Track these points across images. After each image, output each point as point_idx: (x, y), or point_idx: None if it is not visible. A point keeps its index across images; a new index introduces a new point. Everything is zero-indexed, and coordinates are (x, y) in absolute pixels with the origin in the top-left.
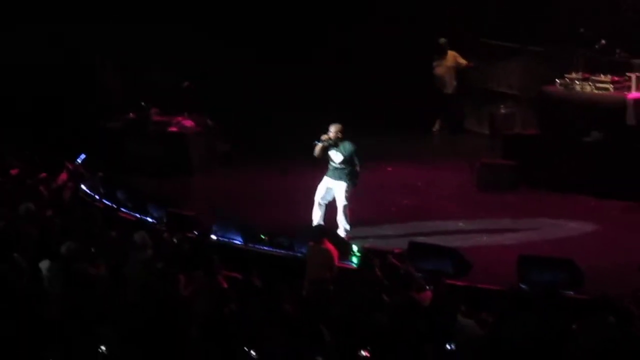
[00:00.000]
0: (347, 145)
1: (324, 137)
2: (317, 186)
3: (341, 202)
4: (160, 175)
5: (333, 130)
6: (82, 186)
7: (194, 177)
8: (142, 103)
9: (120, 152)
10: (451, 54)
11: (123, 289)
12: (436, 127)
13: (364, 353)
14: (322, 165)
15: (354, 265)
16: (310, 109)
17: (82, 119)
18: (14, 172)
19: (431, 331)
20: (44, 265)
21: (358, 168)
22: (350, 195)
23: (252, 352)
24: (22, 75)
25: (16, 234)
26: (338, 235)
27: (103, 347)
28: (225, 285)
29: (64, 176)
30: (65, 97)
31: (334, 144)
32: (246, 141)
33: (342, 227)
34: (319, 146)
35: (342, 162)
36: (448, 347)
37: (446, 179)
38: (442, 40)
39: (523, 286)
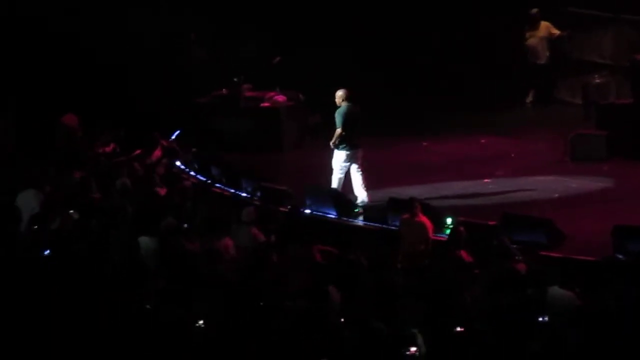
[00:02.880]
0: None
1: None
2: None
3: (336, 170)
4: (252, 151)
5: (336, 96)
6: (177, 162)
7: (286, 152)
8: (235, 79)
9: (213, 128)
10: (544, 24)
11: (217, 264)
12: (529, 98)
13: (459, 328)
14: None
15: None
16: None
17: (176, 95)
18: (108, 149)
19: (527, 302)
20: (143, 241)
21: (338, 131)
22: (357, 161)
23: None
24: (117, 54)
25: (112, 209)
26: (433, 208)
27: (201, 322)
28: (320, 259)
29: (158, 152)
30: (160, 73)
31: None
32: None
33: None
34: None
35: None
36: (540, 319)
37: (540, 149)
38: (535, 10)
39: (619, 256)
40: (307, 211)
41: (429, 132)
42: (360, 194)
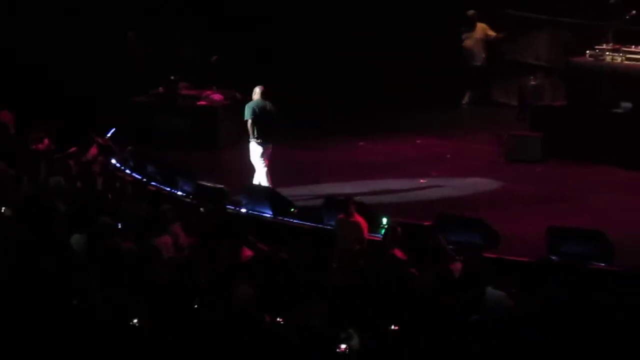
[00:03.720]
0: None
1: None
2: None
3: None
4: (189, 149)
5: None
6: (112, 160)
7: (222, 150)
8: (171, 77)
9: (150, 126)
10: (480, 26)
11: (154, 263)
12: (465, 99)
13: (394, 327)
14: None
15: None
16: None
17: (112, 93)
18: (42, 146)
19: (461, 303)
20: (76, 239)
21: (248, 122)
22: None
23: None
24: (53, 51)
25: (44, 206)
26: (368, 207)
27: (135, 320)
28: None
29: (93, 150)
30: (95, 72)
31: None
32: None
33: None
34: None
35: None
36: (473, 318)
37: (475, 150)
38: (471, 12)
39: (553, 257)
40: (243, 210)
41: (364, 132)
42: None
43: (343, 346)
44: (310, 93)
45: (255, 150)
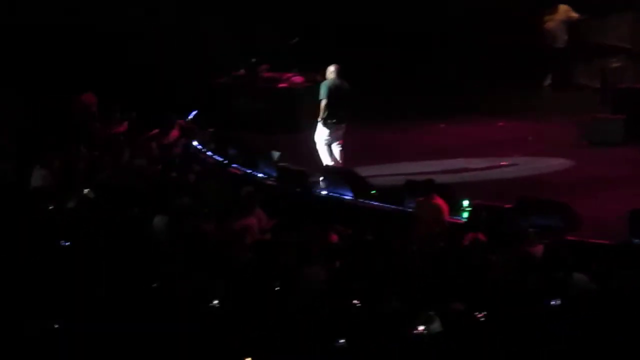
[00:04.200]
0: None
1: None
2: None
3: (320, 144)
4: (269, 131)
5: (327, 71)
6: (194, 142)
7: (302, 132)
8: (253, 59)
9: (230, 109)
10: (562, 7)
11: (231, 246)
12: (547, 81)
13: (478, 315)
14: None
15: (464, 221)
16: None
17: (193, 75)
18: (122, 128)
19: (543, 286)
20: (158, 220)
21: (322, 103)
22: (340, 137)
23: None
24: (134, 34)
25: (126, 189)
26: (449, 189)
27: (215, 302)
28: (336, 240)
29: (175, 133)
30: (178, 54)
31: None
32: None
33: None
34: None
35: None
36: (553, 302)
37: (556, 133)
38: None
39: (635, 240)
40: (323, 192)
41: (446, 114)
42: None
43: (421, 328)
44: (393, 75)
45: (322, 131)
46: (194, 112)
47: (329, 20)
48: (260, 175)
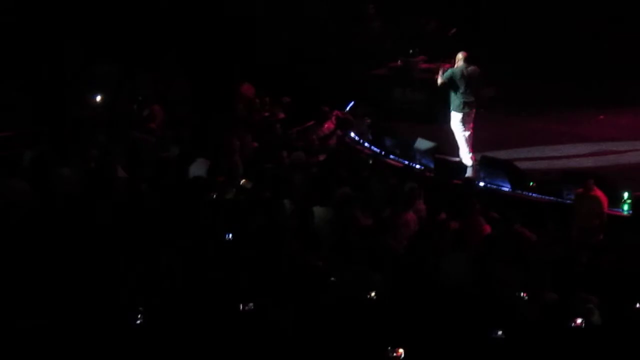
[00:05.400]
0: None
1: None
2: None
3: (458, 132)
4: (424, 122)
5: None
6: (351, 133)
7: None
8: (410, 50)
9: (387, 99)
10: None
11: (388, 238)
12: None
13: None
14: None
15: (625, 213)
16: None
17: (349, 66)
18: (280, 116)
19: None
20: (317, 211)
21: (459, 92)
22: (469, 122)
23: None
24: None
25: (284, 179)
26: (608, 181)
27: (373, 294)
28: (489, 231)
29: (330, 124)
30: (334, 45)
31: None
32: (511, 86)
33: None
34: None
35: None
36: None
37: None
38: None
39: None
40: (481, 184)
41: (606, 105)
42: (464, 156)
43: (579, 320)
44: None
45: (455, 117)
46: (352, 103)
47: (489, 11)
48: (418, 167)
